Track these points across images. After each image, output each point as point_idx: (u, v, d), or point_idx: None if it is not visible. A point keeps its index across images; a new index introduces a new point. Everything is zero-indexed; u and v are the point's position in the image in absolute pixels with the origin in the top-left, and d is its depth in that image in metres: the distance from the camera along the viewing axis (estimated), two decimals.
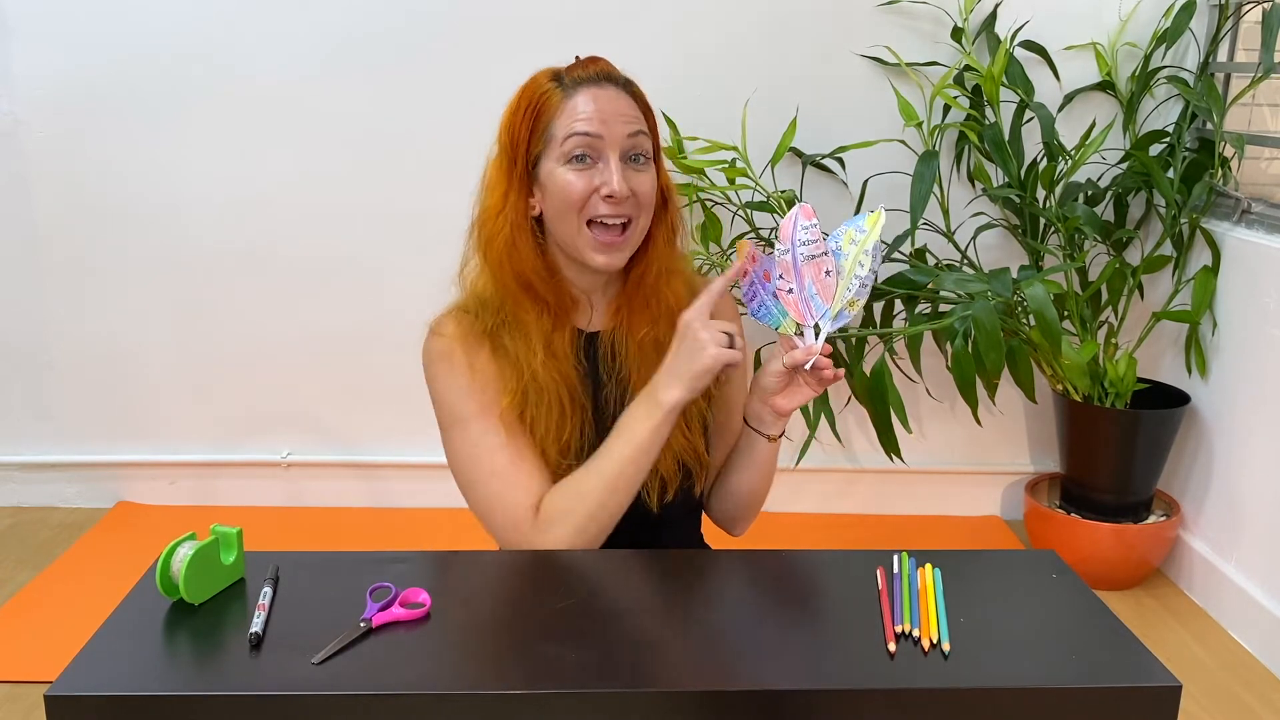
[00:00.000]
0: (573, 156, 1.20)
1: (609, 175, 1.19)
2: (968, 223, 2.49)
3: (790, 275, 1.18)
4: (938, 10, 2.42)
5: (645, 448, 1.20)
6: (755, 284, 1.22)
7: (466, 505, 1.28)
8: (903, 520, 2.75)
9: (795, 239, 1.18)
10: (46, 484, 2.78)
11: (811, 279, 1.17)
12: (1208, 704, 2.00)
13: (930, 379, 2.56)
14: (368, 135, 2.51)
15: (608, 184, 1.19)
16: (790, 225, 1.18)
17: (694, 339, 1.17)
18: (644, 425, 1.20)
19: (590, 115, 1.19)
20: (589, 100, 1.20)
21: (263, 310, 2.62)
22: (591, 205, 1.20)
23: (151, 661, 0.95)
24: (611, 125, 1.20)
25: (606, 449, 1.22)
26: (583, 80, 1.21)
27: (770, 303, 1.20)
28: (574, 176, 1.20)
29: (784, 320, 1.20)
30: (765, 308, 1.21)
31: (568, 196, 1.20)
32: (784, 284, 1.19)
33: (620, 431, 1.22)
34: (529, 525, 1.22)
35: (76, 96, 2.49)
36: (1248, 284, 2.25)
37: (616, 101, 1.21)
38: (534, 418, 1.24)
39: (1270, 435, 2.16)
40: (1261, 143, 2.40)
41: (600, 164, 1.20)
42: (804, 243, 1.17)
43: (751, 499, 1.37)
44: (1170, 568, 2.48)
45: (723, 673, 0.94)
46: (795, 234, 1.18)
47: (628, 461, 1.20)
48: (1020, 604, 1.07)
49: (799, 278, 1.18)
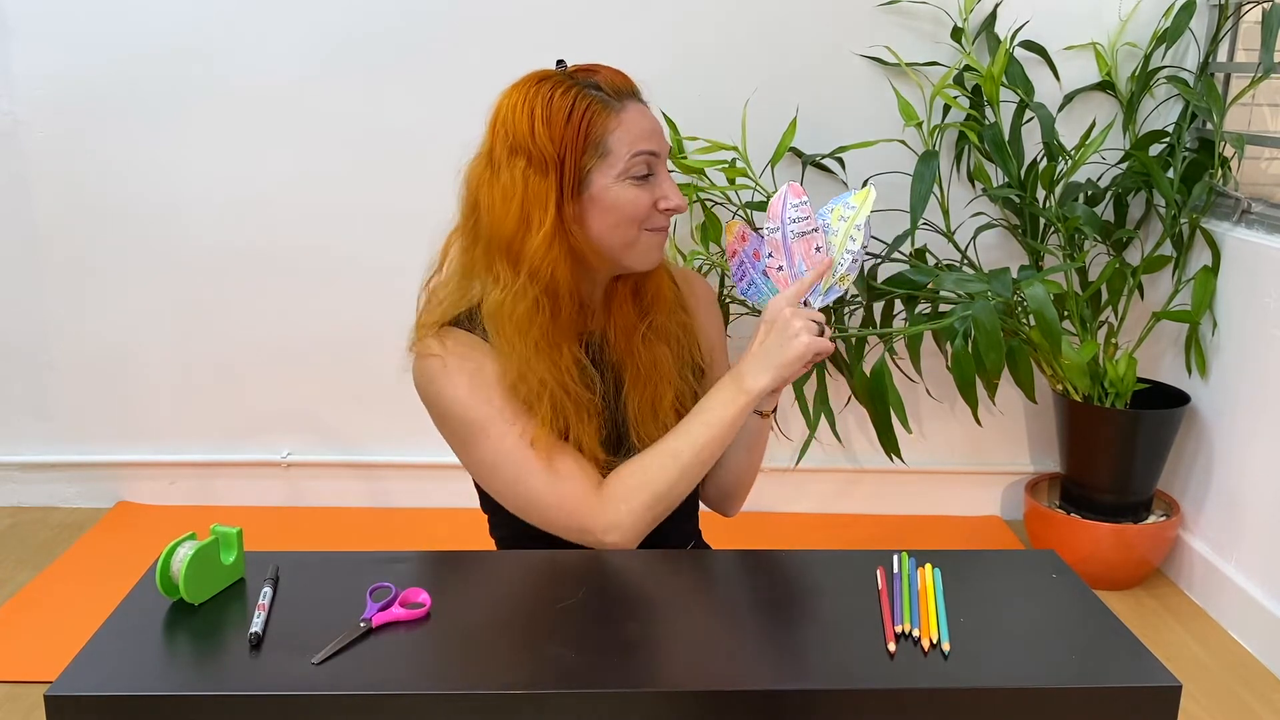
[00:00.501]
0: (636, 174, 1.21)
1: (667, 189, 1.22)
2: (968, 223, 2.49)
3: (780, 253, 1.19)
4: (938, 10, 2.42)
5: (725, 432, 1.23)
6: (745, 263, 1.23)
7: (468, 506, 1.28)
8: (903, 520, 2.75)
9: (785, 216, 1.19)
10: (46, 484, 2.78)
11: (801, 256, 1.18)
12: (1208, 704, 2.00)
13: (930, 379, 2.56)
14: (368, 135, 2.51)
15: (666, 198, 1.22)
16: (780, 203, 1.19)
17: (786, 326, 1.18)
18: (727, 410, 1.22)
19: (650, 132, 1.22)
20: (641, 116, 1.22)
21: (263, 310, 2.62)
22: (651, 218, 1.23)
23: (151, 661, 0.95)
24: (660, 141, 1.23)
25: (684, 430, 1.23)
26: (624, 93, 1.22)
27: (760, 280, 1.21)
28: (638, 192, 1.21)
29: (772, 298, 1.21)
30: (755, 286, 1.22)
31: (633, 211, 1.21)
32: (774, 261, 1.20)
33: (700, 414, 1.23)
34: (592, 508, 1.21)
35: (76, 96, 2.49)
36: (1248, 284, 2.25)
37: (653, 115, 1.24)
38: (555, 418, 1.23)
39: (1270, 435, 2.16)
40: (1261, 143, 2.40)
41: (653, 177, 1.22)
42: (794, 220, 1.18)
43: (743, 477, 1.39)
44: (1170, 568, 2.48)
45: (723, 673, 0.94)
46: (785, 211, 1.19)
47: (704, 445, 1.22)
48: (1020, 604, 1.07)
49: (789, 255, 1.18)
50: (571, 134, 1.18)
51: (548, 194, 1.18)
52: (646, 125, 1.22)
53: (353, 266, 2.59)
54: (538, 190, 1.18)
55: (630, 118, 1.21)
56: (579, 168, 1.19)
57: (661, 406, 1.29)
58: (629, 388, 1.29)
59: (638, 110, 1.22)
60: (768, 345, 1.20)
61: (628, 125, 1.20)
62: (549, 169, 1.18)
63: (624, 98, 1.22)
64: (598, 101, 1.19)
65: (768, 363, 1.20)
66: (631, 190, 1.21)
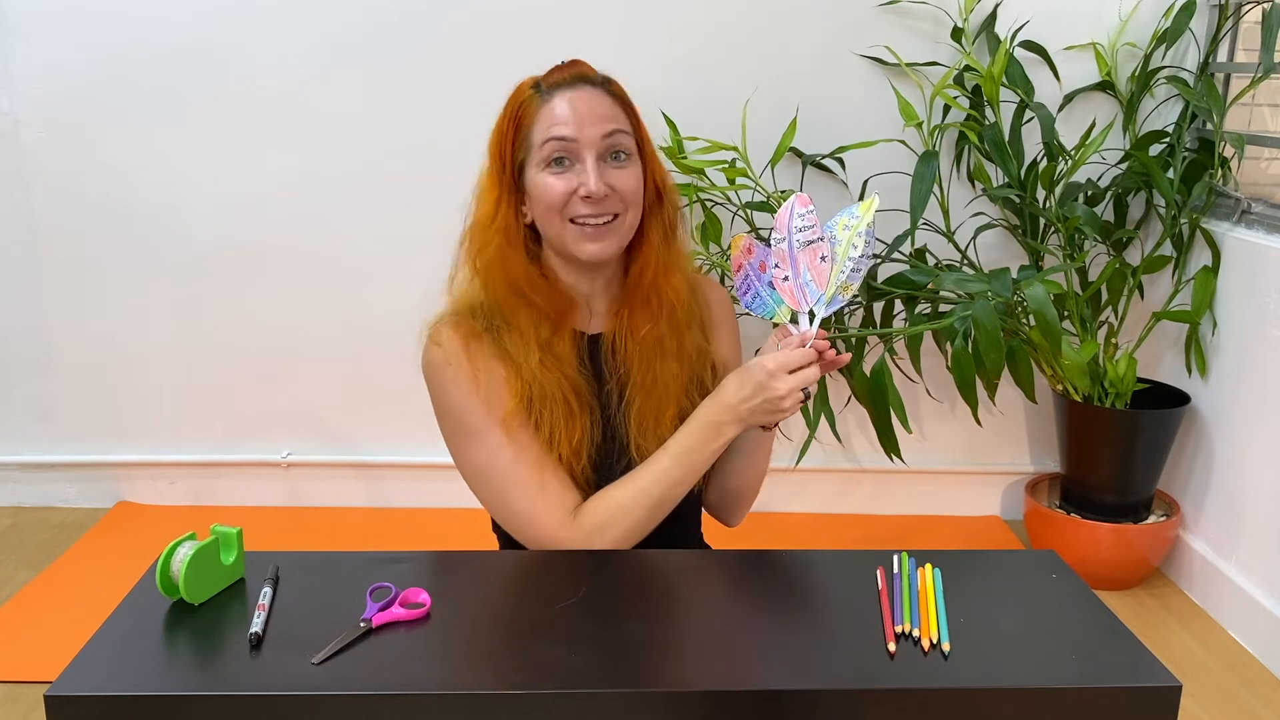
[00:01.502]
0: (551, 160, 1.21)
1: (585, 176, 1.20)
2: (968, 223, 2.49)
3: (786, 263, 1.19)
4: (938, 10, 2.42)
5: (697, 470, 1.25)
6: (749, 276, 1.23)
7: (468, 506, 1.28)
8: (903, 520, 2.75)
9: (791, 226, 1.19)
10: (46, 484, 2.78)
11: (806, 265, 1.18)
12: (1208, 704, 2.00)
13: (930, 379, 2.56)
14: (368, 135, 2.51)
15: (585, 184, 1.20)
16: (787, 214, 1.19)
17: (773, 394, 1.18)
18: (700, 454, 1.24)
19: (566, 119, 1.20)
20: (564, 104, 1.21)
21: (263, 310, 2.62)
22: (571, 206, 1.21)
23: (151, 661, 0.95)
24: (586, 127, 1.21)
25: (657, 467, 1.24)
26: (559, 84, 1.22)
27: (765, 293, 1.21)
28: (553, 179, 1.21)
29: (778, 310, 1.21)
30: (760, 299, 1.22)
31: (549, 199, 1.21)
32: (780, 272, 1.19)
33: (672, 453, 1.24)
34: (565, 532, 1.23)
35: (76, 96, 2.49)
36: (1248, 284, 2.25)
37: (592, 102, 1.22)
38: (540, 420, 1.24)
39: (1270, 435, 2.16)
40: (1261, 143, 2.40)
41: (578, 165, 1.21)
42: (800, 229, 1.18)
43: (747, 488, 1.39)
44: (1170, 568, 2.48)
45: (723, 673, 0.94)
46: (791, 221, 1.19)
47: (677, 483, 1.25)
48: (1020, 604, 1.07)
49: (794, 264, 1.18)
50: (505, 131, 1.24)
51: (499, 191, 1.24)
52: (566, 112, 1.21)
53: (353, 266, 2.59)
54: (489, 188, 1.26)
55: (553, 106, 1.21)
56: (514, 163, 1.24)
57: (663, 421, 1.29)
58: (631, 396, 1.28)
59: (565, 99, 1.21)
60: (752, 406, 1.20)
61: (546, 114, 1.21)
62: (498, 168, 1.25)
63: (558, 88, 1.22)
64: (531, 98, 1.23)
65: (745, 419, 1.22)
66: (547, 178, 1.22)
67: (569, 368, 1.26)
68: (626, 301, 1.30)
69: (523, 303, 1.25)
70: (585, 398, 1.27)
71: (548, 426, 1.24)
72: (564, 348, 1.27)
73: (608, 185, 1.21)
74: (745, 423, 1.23)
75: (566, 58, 1.26)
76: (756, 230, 2.40)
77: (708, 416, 1.23)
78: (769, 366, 1.18)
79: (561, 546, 1.23)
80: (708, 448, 1.24)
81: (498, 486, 1.26)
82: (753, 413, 1.21)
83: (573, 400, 1.25)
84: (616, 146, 1.23)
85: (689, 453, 1.24)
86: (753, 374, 1.20)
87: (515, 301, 1.25)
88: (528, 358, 1.24)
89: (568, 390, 1.25)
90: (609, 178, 1.21)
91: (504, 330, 1.26)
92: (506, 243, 1.24)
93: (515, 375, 1.24)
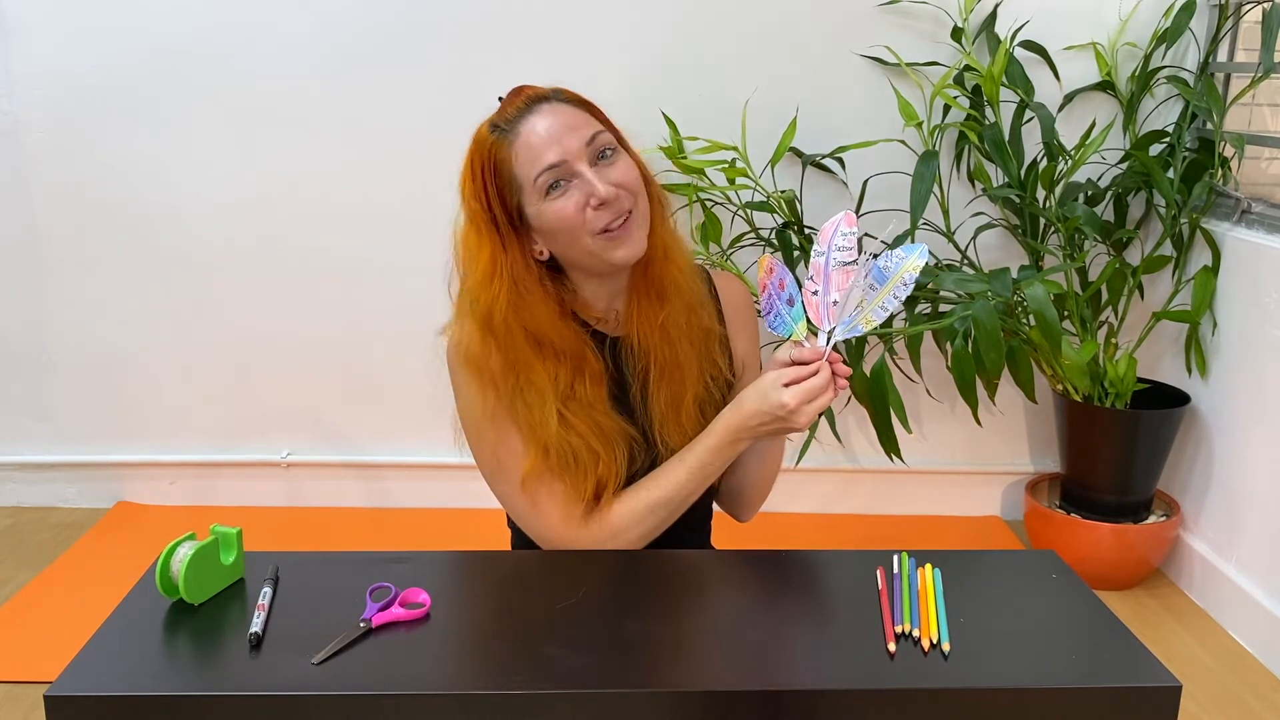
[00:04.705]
0: (549, 188, 1.20)
1: (590, 185, 1.19)
2: (968, 223, 2.49)
3: (820, 277, 1.18)
4: (938, 10, 2.42)
5: (710, 479, 1.28)
6: (771, 294, 1.23)
7: (468, 506, 1.28)
8: (903, 520, 2.75)
9: (832, 243, 1.18)
10: (46, 484, 2.78)
11: (836, 286, 1.18)
12: (1208, 704, 2.00)
13: (930, 379, 2.56)
14: (368, 135, 2.51)
15: (593, 193, 1.19)
16: (832, 229, 1.18)
17: (793, 424, 1.20)
18: (714, 465, 1.26)
19: (545, 144, 1.19)
20: (534, 132, 1.20)
21: (263, 310, 2.62)
22: (590, 220, 1.20)
23: (151, 661, 0.95)
24: (565, 142, 1.19)
25: (673, 478, 1.27)
26: (517, 116, 1.21)
27: (784, 310, 1.21)
28: (561, 203, 1.20)
29: (795, 326, 1.20)
30: (780, 318, 1.22)
31: (566, 223, 1.20)
32: (811, 285, 1.19)
33: (689, 466, 1.26)
34: (578, 533, 1.24)
35: (76, 96, 2.49)
36: (1248, 284, 2.25)
37: (557, 117, 1.21)
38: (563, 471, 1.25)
39: (1270, 435, 2.16)
40: (1261, 143, 2.40)
41: (576, 180, 1.20)
42: (839, 248, 1.18)
43: (759, 487, 1.40)
44: (1170, 568, 2.48)
45: (723, 673, 0.94)
46: (833, 239, 1.18)
47: (691, 493, 1.27)
48: (1020, 604, 1.07)
49: (826, 282, 1.18)
50: (483, 183, 1.21)
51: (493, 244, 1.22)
52: (542, 138, 1.19)
53: (353, 266, 2.59)
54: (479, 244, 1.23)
55: (525, 138, 1.20)
56: (509, 208, 1.22)
57: (683, 407, 1.30)
58: (653, 383, 1.29)
59: (532, 126, 1.20)
60: (770, 430, 1.23)
61: (522, 149, 1.20)
62: (487, 220, 1.22)
63: (519, 119, 1.21)
64: (498, 141, 1.21)
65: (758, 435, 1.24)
66: (554, 205, 1.20)
67: (598, 412, 1.26)
68: (642, 291, 1.30)
69: (540, 355, 1.24)
70: (612, 430, 1.26)
71: (570, 476, 1.25)
72: (588, 389, 1.26)
73: (612, 185, 1.21)
74: (759, 438, 1.25)
75: (565, 57, 1.26)
76: (756, 230, 2.40)
77: (724, 435, 1.25)
78: (789, 404, 1.18)
79: (573, 547, 1.25)
80: (722, 459, 1.26)
81: (505, 479, 1.27)
82: (770, 432, 1.24)
83: (598, 444, 1.25)
84: (601, 146, 1.22)
85: (704, 466, 1.26)
86: (770, 403, 1.19)
87: (531, 355, 1.24)
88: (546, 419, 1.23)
89: (592, 439, 1.25)
90: (609, 177, 1.21)
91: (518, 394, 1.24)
92: (518, 291, 1.22)
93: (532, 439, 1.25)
